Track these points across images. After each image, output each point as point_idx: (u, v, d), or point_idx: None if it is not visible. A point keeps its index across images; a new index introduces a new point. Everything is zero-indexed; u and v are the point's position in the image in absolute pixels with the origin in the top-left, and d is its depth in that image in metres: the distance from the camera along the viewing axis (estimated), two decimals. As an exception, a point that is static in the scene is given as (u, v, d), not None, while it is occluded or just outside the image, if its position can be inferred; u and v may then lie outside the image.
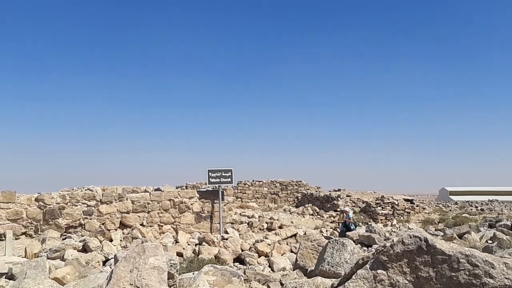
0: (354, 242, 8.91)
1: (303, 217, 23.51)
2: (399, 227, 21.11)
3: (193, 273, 5.25)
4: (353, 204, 25.88)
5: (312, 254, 7.23)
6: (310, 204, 27.05)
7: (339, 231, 16.71)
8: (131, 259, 3.48)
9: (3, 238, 13.80)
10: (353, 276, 2.99)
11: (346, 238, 6.55)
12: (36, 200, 14.95)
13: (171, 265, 4.35)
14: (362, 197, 27.04)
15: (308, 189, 31.38)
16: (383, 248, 3.02)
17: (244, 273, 5.84)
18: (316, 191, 30.43)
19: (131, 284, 3.29)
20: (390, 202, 24.94)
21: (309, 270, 6.72)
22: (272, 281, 5.80)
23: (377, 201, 25.40)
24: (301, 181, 32.33)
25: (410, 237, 2.89)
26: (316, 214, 24.54)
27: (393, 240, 3.02)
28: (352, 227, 16.39)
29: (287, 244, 15.09)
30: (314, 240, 7.99)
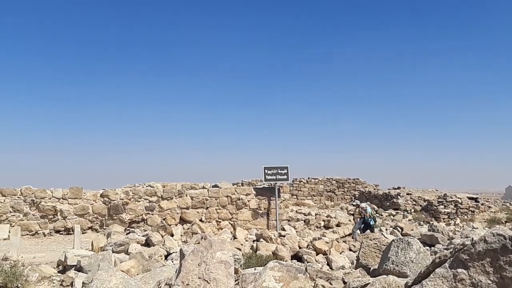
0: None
1: (361, 215, 23.03)
2: (463, 226, 20.20)
3: (255, 269, 5.28)
4: (414, 203, 25.03)
5: (375, 252, 7.05)
6: (368, 202, 26.46)
7: (354, 229, 16.28)
8: (198, 253, 3.54)
9: (71, 232, 14.59)
10: (431, 275, 2.86)
11: (411, 237, 6.33)
12: (101, 196, 15.66)
13: (235, 260, 4.39)
14: (423, 195, 26.10)
15: (366, 187, 30.73)
16: (462, 247, 2.87)
17: (306, 270, 5.79)
18: (374, 189, 29.75)
19: (199, 278, 3.35)
20: (453, 201, 23.89)
21: (372, 268, 6.57)
22: (334, 279, 5.71)
23: (439, 200, 24.42)
24: (358, 179, 31.72)
25: (493, 235, 2.72)
26: (375, 212, 23.96)
27: (473, 239, 2.86)
28: (371, 223, 15.91)
29: (345, 242, 14.83)
30: (374, 238, 7.82)
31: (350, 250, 13.67)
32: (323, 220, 18.64)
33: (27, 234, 14.39)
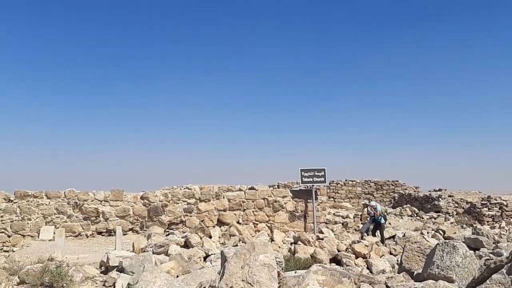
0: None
1: (401, 218, 22.57)
2: (509, 229, 19.42)
3: (295, 272, 5.23)
4: (456, 205, 24.26)
5: (418, 256, 6.88)
6: (408, 205, 25.90)
7: (363, 229, 15.82)
8: (241, 255, 3.53)
9: (113, 234, 14.94)
10: (487, 281, 2.74)
11: (457, 241, 6.12)
12: (142, 198, 15.97)
13: (276, 263, 4.36)
14: (466, 197, 25.25)
15: (405, 189, 30.03)
16: (520, 252, 2.73)
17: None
18: (415, 191, 29.02)
19: (243, 280, 3.34)
20: (497, 203, 22.99)
21: (415, 273, 6.40)
22: (376, 283, 5.58)
23: (483, 202, 23.57)
24: (397, 181, 31.02)
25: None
26: (415, 215, 23.43)
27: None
28: (382, 221, 15.47)
29: (385, 245, 14.53)
30: (415, 242, 7.63)
31: (391, 253, 13.38)
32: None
33: (71, 236, 14.84)
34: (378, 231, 15.58)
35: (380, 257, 12.52)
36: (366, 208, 16.08)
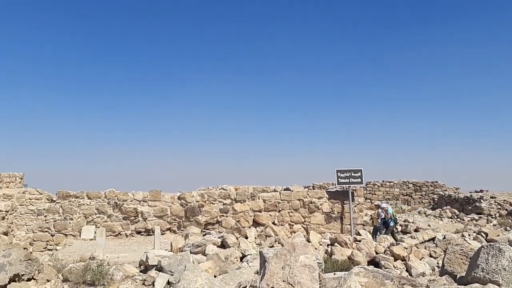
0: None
1: (441, 220, 21.97)
2: (556, 232, 18.55)
3: (334, 273, 5.17)
4: (499, 207, 23.39)
5: (461, 259, 6.67)
6: (448, 207, 25.17)
7: (374, 232, 15.36)
8: (282, 256, 3.52)
9: (151, 233, 15.22)
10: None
11: (503, 243, 5.89)
12: (179, 198, 16.21)
13: (317, 264, 4.31)
14: (509, 198, 24.32)
15: (445, 190, 29.23)
16: None
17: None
18: (455, 192, 28.20)
19: (284, 281, 3.32)
20: (544, 205, 22.04)
21: (458, 276, 6.20)
22: (418, 286, 5.45)
23: (528, 204, 22.65)
24: (437, 182, 30.25)
25: None
26: (455, 217, 22.74)
27: None
28: (391, 224, 15.07)
29: (425, 248, 14.17)
30: (457, 244, 7.41)
31: (431, 256, 13.03)
32: (400, 225, 17.95)
33: (111, 235, 15.22)
34: (391, 234, 15.28)
35: (420, 260, 12.23)
36: (377, 210, 15.79)
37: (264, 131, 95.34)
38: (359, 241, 13.34)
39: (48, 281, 3.47)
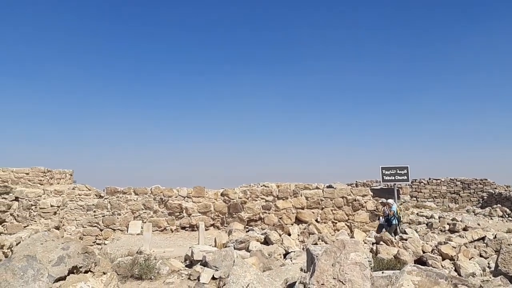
0: None
1: (491, 219, 21.12)
2: None
3: (383, 272, 5.06)
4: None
5: (517, 260, 6.38)
6: (498, 205, 24.16)
7: (379, 229, 14.69)
8: (331, 253, 3.48)
9: (195, 229, 15.48)
10: None
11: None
12: (222, 194, 16.39)
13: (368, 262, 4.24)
14: None
15: (495, 188, 28.06)
16: None
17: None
18: (506, 190, 27.03)
19: (334, 278, 3.29)
20: None
21: (514, 277, 5.94)
22: (471, 286, 5.26)
23: None
24: (486, 179, 29.07)
25: None
26: (506, 216, 21.80)
27: None
28: (393, 221, 14.49)
29: (474, 247, 13.67)
30: (509, 244, 7.12)
31: (481, 256, 12.57)
32: (447, 224, 17.39)
33: (157, 230, 15.58)
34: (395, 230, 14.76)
35: (469, 260, 11.83)
36: (384, 207, 15.27)
37: (305, 128, 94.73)
38: (405, 239, 13.06)
39: (104, 273, 3.59)
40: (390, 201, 15.14)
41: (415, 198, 28.14)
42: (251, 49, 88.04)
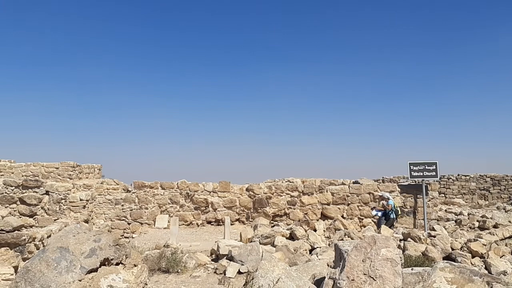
0: None
1: (523, 216, 20.52)
2: None
3: (412, 269, 4.98)
4: None
5: (553, 259, 6.17)
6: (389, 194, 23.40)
7: (380, 223, 14.22)
8: (362, 249, 3.44)
9: (221, 223, 15.58)
10: None
11: None
12: (247, 190, 16.43)
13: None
14: None
15: (527, 185, 27.28)
16: None
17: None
18: (538, 187, 26.24)
19: (364, 274, 3.25)
20: None
21: (549, 277, 5.76)
22: (504, 285, 5.13)
23: None
24: (517, 176, 28.30)
25: None
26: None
27: None
28: (391, 216, 14.07)
29: (505, 245, 13.32)
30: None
31: (513, 254, 12.22)
32: (477, 221, 17.00)
33: (183, 224, 15.75)
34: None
35: (500, 258, 11.53)
36: (382, 201, 14.90)
37: (330, 122, 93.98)
38: (434, 236, 12.82)
39: (135, 266, 3.64)
40: (387, 194, 14.89)
41: (443, 195, 27.60)
42: (287, 40, 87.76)
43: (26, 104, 77.51)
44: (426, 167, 15.69)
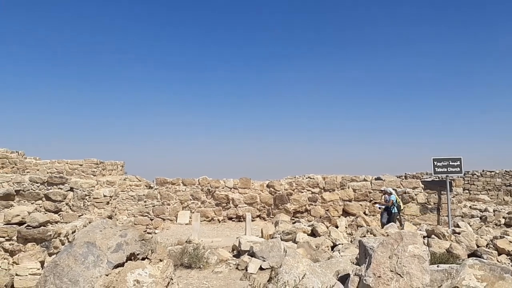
0: None
1: (551, 213, 20.01)
2: None
3: (438, 266, 4.90)
4: None
5: None
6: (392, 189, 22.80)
7: (383, 220, 13.88)
8: (388, 245, 3.40)
9: (242, 220, 15.61)
10: None
11: None
12: (267, 186, 16.43)
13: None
14: None
15: (555, 181, 26.55)
16: None
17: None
18: None
19: (391, 271, 3.21)
20: None
21: None
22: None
23: None
24: (545, 172, 27.57)
25: None
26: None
27: None
28: (394, 211, 13.77)
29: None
30: None
31: (541, 252, 11.91)
32: (503, 217, 16.66)
33: (204, 220, 15.85)
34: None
35: (528, 256, 11.26)
36: (384, 196, 14.59)
37: (351, 118, 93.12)
38: (458, 233, 12.60)
39: (160, 260, 3.67)
40: (389, 189, 14.68)
41: (467, 191, 27.07)
42: (318, 38, 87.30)
43: (50, 103, 79.06)
44: (450, 163, 15.42)
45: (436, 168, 15.54)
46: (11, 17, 63.91)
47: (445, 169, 15.40)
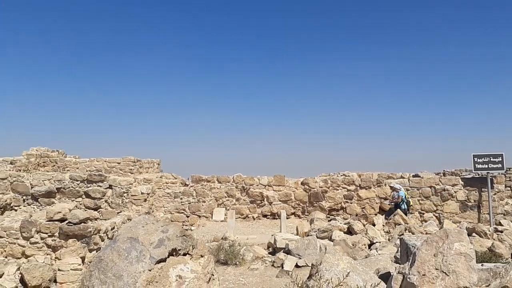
0: None
1: None
2: None
3: (482, 265, 4.76)
4: None
5: None
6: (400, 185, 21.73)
7: (391, 216, 13.49)
8: (433, 243, 3.32)
9: (276, 217, 15.62)
10: None
11: None
12: (302, 183, 16.37)
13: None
14: None
15: None
16: None
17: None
18: None
19: (436, 269, 3.14)
20: None
21: None
22: None
23: None
24: None
25: None
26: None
27: None
28: (403, 207, 13.63)
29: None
30: None
31: None
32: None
33: (239, 217, 15.94)
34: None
35: None
36: (392, 193, 14.10)
37: (389, 114, 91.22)
38: (501, 231, 12.21)
39: (201, 256, 3.72)
40: (397, 185, 14.31)
41: (509, 188, 26.12)
42: (349, 36, 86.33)
43: (89, 105, 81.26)
44: (491, 159, 14.94)
45: (476, 165, 15.10)
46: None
47: (486, 166, 14.95)
